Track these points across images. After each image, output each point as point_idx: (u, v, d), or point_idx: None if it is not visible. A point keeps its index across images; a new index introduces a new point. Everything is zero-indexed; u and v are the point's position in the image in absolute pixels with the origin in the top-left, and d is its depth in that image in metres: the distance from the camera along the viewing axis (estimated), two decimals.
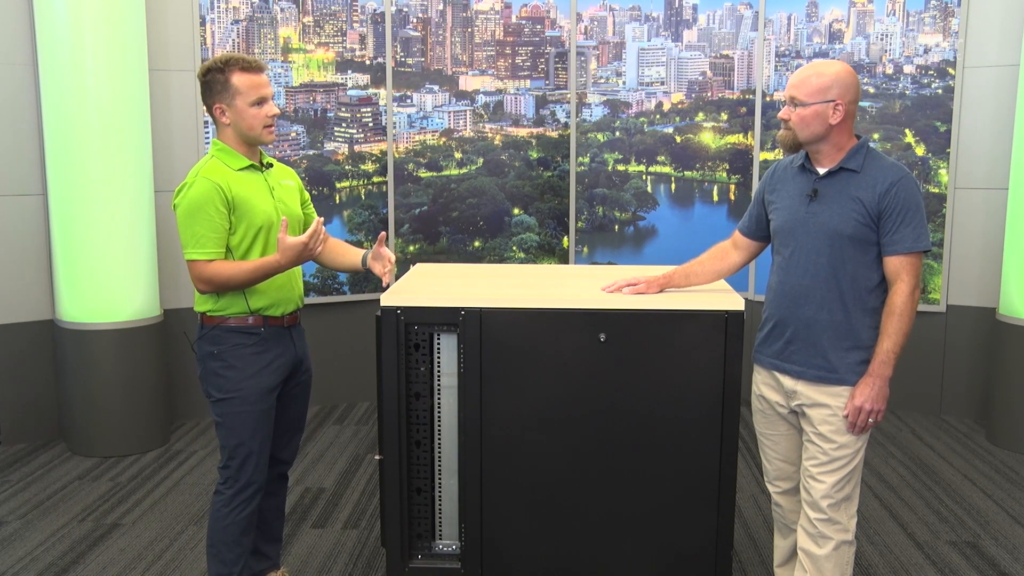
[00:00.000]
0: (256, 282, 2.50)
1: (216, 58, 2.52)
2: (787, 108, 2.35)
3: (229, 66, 2.49)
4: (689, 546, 2.69)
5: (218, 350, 2.54)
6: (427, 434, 2.71)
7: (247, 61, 2.52)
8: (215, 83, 2.50)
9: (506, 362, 2.63)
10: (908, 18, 4.82)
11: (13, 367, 4.34)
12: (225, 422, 2.55)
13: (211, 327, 2.55)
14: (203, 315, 2.57)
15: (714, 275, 2.72)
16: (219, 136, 2.57)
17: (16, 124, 4.24)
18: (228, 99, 2.50)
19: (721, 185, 5.20)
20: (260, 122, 2.52)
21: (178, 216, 2.50)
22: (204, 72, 2.52)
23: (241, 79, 2.49)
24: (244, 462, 2.56)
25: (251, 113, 2.51)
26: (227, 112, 2.51)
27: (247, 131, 2.53)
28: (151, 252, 4.29)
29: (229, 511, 2.57)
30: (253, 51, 4.73)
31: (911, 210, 2.28)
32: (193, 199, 2.45)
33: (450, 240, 5.16)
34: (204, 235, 2.45)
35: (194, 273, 2.48)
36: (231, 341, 2.55)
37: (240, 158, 2.55)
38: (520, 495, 2.69)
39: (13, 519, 3.53)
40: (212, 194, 2.44)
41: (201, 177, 2.46)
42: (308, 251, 2.45)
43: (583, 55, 5.17)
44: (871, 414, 2.31)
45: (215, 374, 2.55)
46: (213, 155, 2.55)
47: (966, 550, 3.33)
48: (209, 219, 2.44)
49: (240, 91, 2.49)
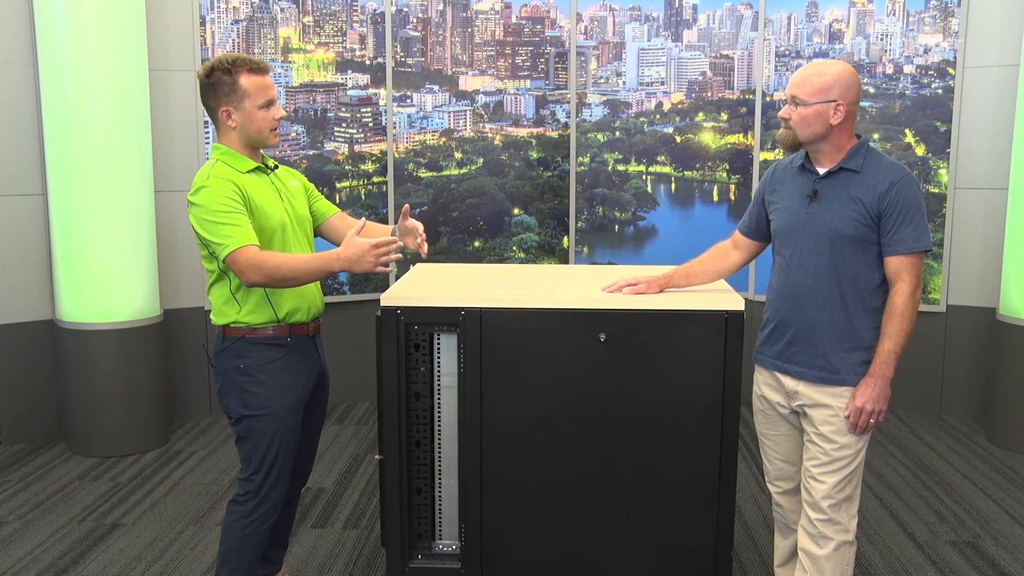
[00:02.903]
0: (306, 277, 2.34)
1: (220, 58, 2.40)
2: (788, 107, 2.35)
3: (237, 67, 2.39)
4: (689, 546, 2.69)
5: (244, 364, 2.45)
6: (427, 434, 2.71)
7: (254, 62, 2.43)
8: (221, 85, 2.39)
9: (506, 362, 2.63)
10: (908, 18, 4.82)
11: (13, 367, 4.34)
12: (252, 437, 2.47)
13: (235, 339, 2.45)
14: (226, 327, 2.47)
15: (714, 275, 2.72)
16: (221, 139, 2.48)
17: (16, 124, 4.24)
18: (236, 102, 2.40)
19: (721, 185, 5.20)
20: (268, 124, 2.45)
21: (200, 218, 2.34)
22: (208, 72, 2.40)
23: (250, 81, 2.40)
24: (268, 477, 2.49)
25: (260, 116, 2.42)
26: (234, 115, 2.42)
27: (255, 134, 2.45)
28: (151, 252, 4.29)
29: (248, 523, 2.50)
30: (253, 51, 4.73)
31: (911, 210, 2.28)
32: (213, 198, 2.32)
33: (450, 240, 5.16)
34: (237, 226, 2.31)
35: (242, 263, 2.29)
36: (258, 354, 2.46)
37: (246, 160, 2.45)
38: (520, 495, 2.69)
39: (13, 519, 3.53)
40: (231, 191, 2.34)
41: (214, 178, 2.36)
42: (373, 256, 2.29)
43: (583, 55, 5.17)
44: (872, 415, 2.30)
45: (242, 389, 2.46)
46: (217, 159, 2.43)
47: (966, 550, 3.33)
48: (236, 212, 2.32)
49: (249, 93, 2.40)
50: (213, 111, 2.44)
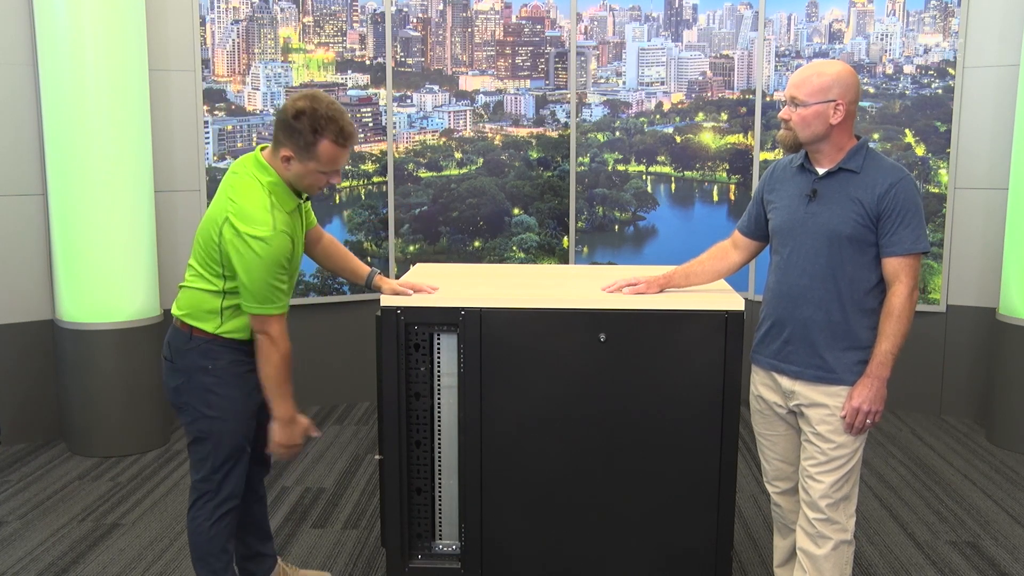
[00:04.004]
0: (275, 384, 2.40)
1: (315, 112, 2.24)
2: (788, 108, 2.35)
3: (325, 132, 2.25)
4: (689, 546, 2.69)
5: (213, 365, 2.42)
6: (427, 434, 2.71)
7: (343, 133, 2.28)
8: (299, 135, 2.26)
9: (506, 362, 2.63)
10: (908, 18, 4.82)
11: (13, 367, 4.34)
12: (212, 439, 2.45)
13: (205, 340, 2.41)
14: (194, 328, 2.42)
15: (714, 275, 2.72)
16: (272, 163, 2.35)
17: (16, 124, 4.24)
18: (303, 157, 2.29)
19: (721, 185, 5.20)
20: (318, 186, 2.37)
21: (255, 267, 2.27)
22: (295, 115, 2.25)
23: (329, 152, 2.28)
24: (228, 475, 2.48)
25: (316, 178, 2.34)
26: (294, 164, 2.31)
27: (299, 186, 2.38)
28: (151, 252, 4.29)
29: (213, 522, 2.50)
30: (253, 51, 4.74)
31: (910, 211, 2.28)
32: (275, 255, 2.27)
33: (450, 240, 5.16)
34: (281, 290, 2.33)
35: (267, 327, 2.33)
36: (227, 357, 2.43)
37: (291, 198, 2.39)
38: (520, 495, 2.69)
39: (13, 519, 3.53)
40: (288, 251, 2.32)
41: (280, 232, 2.28)
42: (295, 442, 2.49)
43: (583, 55, 5.17)
44: (869, 415, 2.31)
45: (207, 390, 2.42)
46: (270, 190, 2.33)
47: (966, 550, 3.33)
48: (283, 273, 2.32)
49: (320, 160, 2.29)
50: (278, 144, 2.32)
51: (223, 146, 4.72)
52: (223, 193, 2.36)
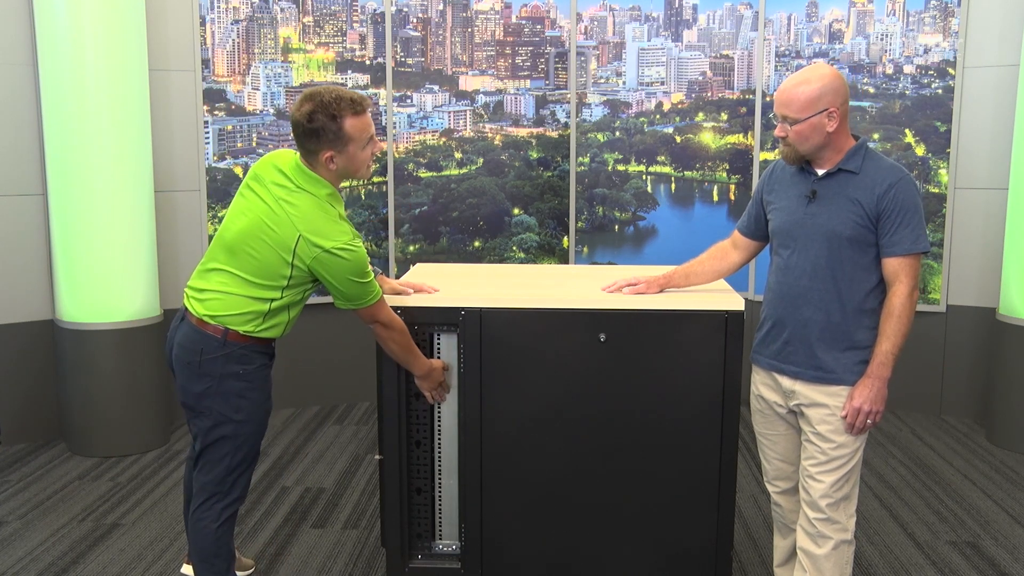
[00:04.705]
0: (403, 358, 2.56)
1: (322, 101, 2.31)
2: (781, 126, 2.33)
3: (340, 112, 2.32)
4: (689, 545, 2.69)
5: (245, 370, 2.43)
6: (427, 434, 2.71)
7: (356, 103, 2.35)
8: (326, 131, 2.33)
9: (506, 362, 2.63)
10: (908, 18, 4.82)
11: (13, 367, 4.34)
12: (233, 442, 2.46)
13: (239, 345, 2.42)
14: (228, 331, 2.41)
15: (714, 275, 2.72)
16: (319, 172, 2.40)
17: (16, 124, 4.24)
18: (340, 147, 2.35)
19: (721, 185, 5.20)
20: (367, 163, 2.43)
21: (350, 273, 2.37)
22: (308, 117, 2.32)
23: (353, 124, 2.34)
24: (240, 477, 2.52)
25: (361, 158, 2.40)
26: (337, 159, 2.37)
27: (354, 173, 2.44)
28: (151, 252, 4.29)
29: (219, 524, 2.51)
30: (253, 51, 4.74)
31: (910, 212, 2.28)
32: (362, 256, 2.38)
33: (450, 240, 5.16)
34: (371, 279, 2.43)
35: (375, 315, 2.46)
36: (257, 361, 2.47)
37: (342, 204, 2.47)
38: (520, 495, 2.69)
39: (13, 519, 3.53)
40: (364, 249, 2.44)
41: (355, 235, 2.41)
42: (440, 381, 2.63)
43: (583, 55, 5.17)
44: (870, 415, 2.31)
45: (238, 395, 2.43)
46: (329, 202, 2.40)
47: (966, 550, 3.33)
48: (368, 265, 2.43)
49: (353, 138, 2.35)
50: (313, 153, 2.37)
51: (223, 146, 4.72)
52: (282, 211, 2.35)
